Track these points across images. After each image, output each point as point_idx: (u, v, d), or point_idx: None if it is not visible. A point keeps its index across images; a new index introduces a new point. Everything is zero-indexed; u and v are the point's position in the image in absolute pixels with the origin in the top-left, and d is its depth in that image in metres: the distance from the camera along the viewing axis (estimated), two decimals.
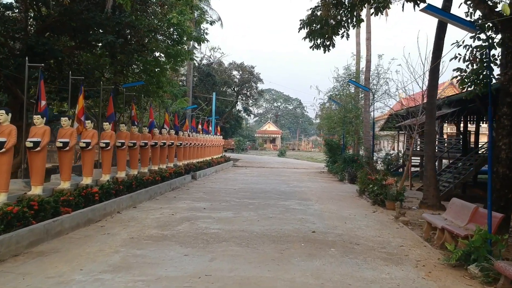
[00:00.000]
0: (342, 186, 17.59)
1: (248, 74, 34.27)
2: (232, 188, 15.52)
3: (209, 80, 31.79)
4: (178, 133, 18.53)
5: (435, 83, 12.26)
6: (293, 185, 17.55)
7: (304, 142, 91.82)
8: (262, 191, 15.05)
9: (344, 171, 19.55)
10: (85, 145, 9.88)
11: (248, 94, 35.62)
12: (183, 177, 16.22)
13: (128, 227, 8.28)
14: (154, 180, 12.97)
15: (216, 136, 28.88)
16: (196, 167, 19.16)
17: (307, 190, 15.70)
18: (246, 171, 25.05)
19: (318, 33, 11.22)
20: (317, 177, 22.49)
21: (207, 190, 14.68)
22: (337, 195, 14.73)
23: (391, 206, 11.48)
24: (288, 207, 11.49)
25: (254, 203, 11.92)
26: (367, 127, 18.48)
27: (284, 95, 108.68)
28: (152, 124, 15.23)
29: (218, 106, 35.73)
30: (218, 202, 11.97)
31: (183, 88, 21.89)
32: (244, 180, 18.96)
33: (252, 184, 17.44)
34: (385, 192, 11.85)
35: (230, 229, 8.31)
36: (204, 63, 33.09)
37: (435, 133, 13.31)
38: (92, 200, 8.87)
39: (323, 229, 8.64)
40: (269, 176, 21.97)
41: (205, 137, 24.42)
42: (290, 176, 22.05)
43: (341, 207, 11.78)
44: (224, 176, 20.88)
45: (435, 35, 12.42)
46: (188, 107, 25.43)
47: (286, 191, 15.18)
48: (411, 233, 8.59)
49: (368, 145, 18.63)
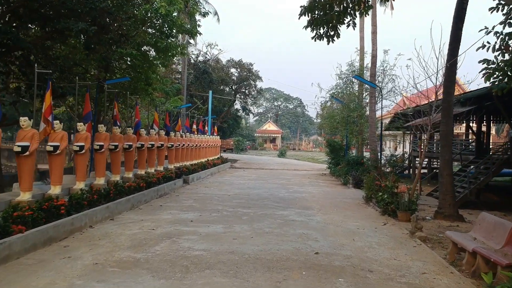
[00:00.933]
0: (346, 191, 16.25)
1: (246, 71, 32.86)
2: (226, 194, 14.19)
3: (206, 77, 30.38)
4: (169, 134, 17.21)
5: (453, 78, 10.93)
6: (293, 190, 16.22)
7: (305, 142, 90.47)
8: (259, 197, 13.73)
9: (348, 175, 18.22)
10: (52, 149, 8.56)
11: (246, 92, 34.23)
12: (173, 182, 14.90)
13: (97, 247, 6.96)
14: (138, 187, 11.65)
15: (213, 137, 27.55)
16: (189, 170, 17.84)
17: (308, 196, 14.37)
18: (243, 174, 23.73)
19: (321, 20, 9.88)
20: (318, 180, 21.17)
21: (199, 197, 13.36)
22: (342, 202, 13.40)
23: (403, 217, 10.15)
24: (287, 218, 10.16)
25: (249, 213, 10.59)
26: (372, 127, 17.17)
27: (285, 94, 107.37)
28: (138, 124, 13.91)
29: (215, 105, 34.40)
30: (209, 212, 10.65)
31: (176, 85, 20.57)
32: (241, 185, 17.64)
33: (248, 189, 16.11)
34: (396, 201, 10.52)
35: (217, 250, 6.98)
36: (200, 60, 31.68)
37: (452, 134, 11.98)
38: (56, 214, 7.56)
39: (328, 249, 7.31)
40: (267, 179, 20.64)
41: (200, 137, 23.11)
42: (290, 179, 20.72)
43: (347, 218, 10.45)
44: (220, 180, 19.56)
45: (452, 25, 11.08)
46: (182, 105, 24.08)
47: (286, 198, 13.85)
48: (432, 254, 7.25)
49: (374, 146, 17.31)
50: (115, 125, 12.01)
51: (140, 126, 13.94)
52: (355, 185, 16.94)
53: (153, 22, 14.32)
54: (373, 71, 17.27)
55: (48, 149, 8.53)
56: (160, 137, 15.97)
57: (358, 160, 18.43)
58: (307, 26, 10.14)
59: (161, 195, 13.19)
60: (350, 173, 17.85)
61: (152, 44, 14.41)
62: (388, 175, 13.11)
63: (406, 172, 24.13)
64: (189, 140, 20.01)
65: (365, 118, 20.91)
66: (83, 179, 9.75)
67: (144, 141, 13.74)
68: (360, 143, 21.07)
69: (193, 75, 30.68)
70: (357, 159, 18.52)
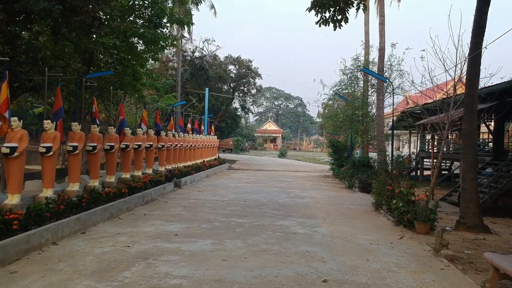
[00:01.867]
0: (352, 196, 14.89)
1: (245, 68, 31.44)
2: (220, 200, 12.84)
3: (202, 74, 28.93)
4: (160, 133, 15.86)
5: (477, 69, 9.56)
6: (294, 194, 14.86)
7: (306, 142, 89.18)
8: (256, 203, 12.37)
9: (353, 177, 16.86)
10: (9, 151, 7.21)
11: (245, 90, 32.81)
12: (163, 186, 13.54)
13: (52, 272, 5.62)
14: (119, 193, 10.29)
15: (210, 136, 26.19)
16: (182, 172, 16.47)
17: (311, 202, 13.01)
18: (241, 176, 22.37)
19: (328, 2, 8.52)
20: (321, 182, 19.80)
21: (189, 204, 12.01)
22: (349, 209, 12.04)
23: (422, 229, 8.79)
24: (287, 230, 8.80)
25: (244, 224, 9.24)
26: (380, 126, 15.82)
27: (285, 93, 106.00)
28: (123, 123, 12.57)
29: (212, 104, 33.02)
30: (198, 222, 9.29)
31: (169, 82, 19.22)
32: (238, 188, 16.28)
33: (246, 193, 14.75)
34: (413, 210, 9.16)
35: (201, 276, 5.63)
36: (196, 55, 30.20)
37: (476, 133, 10.62)
38: (6, 231, 6.21)
39: (338, 273, 5.95)
40: (267, 182, 19.28)
41: (195, 137, 21.75)
42: (291, 182, 19.36)
43: (357, 230, 9.09)
44: (215, 183, 18.20)
45: (476, 9, 9.72)
46: (176, 103, 22.71)
47: (286, 204, 12.49)
48: (466, 280, 5.90)
49: (382, 146, 15.96)
50: (93, 124, 10.65)
51: (125, 125, 12.60)
52: (361, 189, 15.58)
53: (140, 10, 13.00)
54: (381, 65, 15.93)
55: (4, 152, 7.18)
56: (149, 137, 14.61)
57: (364, 162, 17.07)
58: (311, 8, 8.80)
59: (147, 201, 11.84)
60: (356, 176, 16.49)
61: (139, 34, 13.08)
62: (401, 179, 11.77)
63: (413, 174, 22.78)
64: (182, 140, 18.65)
65: (370, 117, 19.56)
66: (51, 185, 8.40)
67: (129, 141, 12.38)
68: (366, 143, 19.70)
69: (189, 71, 29.23)
70: (363, 161, 17.15)
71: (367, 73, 19.66)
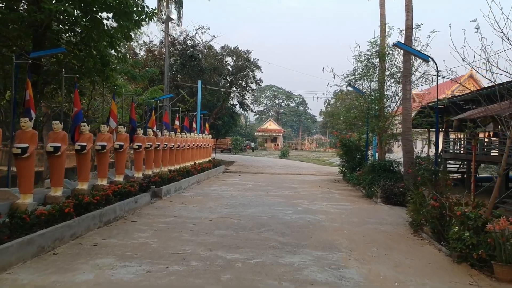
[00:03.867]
0: (376, 210, 11.86)
1: (243, 60, 28.33)
2: (207, 218, 9.82)
3: (195, 65, 25.77)
4: (136, 131, 12.87)
5: None
6: (302, 207, 11.84)
7: (308, 141, 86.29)
8: (254, 223, 9.35)
9: (373, 184, 13.85)
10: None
11: (244, 84, 29.69)
12: (134, 199, 10.51)
13: None
14: (60, 214, 7.26)
15: (203, 135, 23.18)
16: (164, 179, 13.45)
17: (326, 220, 9.99)
18: (238, 181, 19.36)
19: None
20: (332, 189, 16.79)
21: (164, 224, 8.99)
22: (378, 231, 9.02)
23: (507, 274, 5.77)
24: (301, 275, 5.79)
25: (234, 264, 6.23)
26: (407, 122, 12.80)
27: (286, 92, 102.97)
28: (78, 116, 9.54)
29: (208, 100, 29.97)
30: (166, 262, 6.28)
31: (151, 70, 16.19)
32: (232, 198, 13.26)
33: (241, 206, 11.74)
34: (486, 243, 6.16)
35: None
36: (188, 44, 26.92)
37: None
38: None
39: None
40: (268, 189, 16.27)
41: (185, 136, 18.74)
42: (296, 189, 16.35)
43: (404, 272, 6.07)
44: (206, 190, 15.18)
45: None
46: (162, 96, 19.64)
47: (294, 224, 9.46)
48: None
49: (410, 146, 12.94)
50: (25, 116, 7.62)
51: (81, 119, 9.58)
52: (385, 200, 12.57)
53: None
54: None
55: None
56: (120, 135, 11.64)
57: (386, 166, 14.05)
58: None
59: (108, 221, 8.82)
60: (378, 184, 13.49)
61: (102, 2, 10.06)
62: (451, 191, 8.79)
63: None
64: (167, 140, 15.65)
65: (388, 112, 16.54)
66: None
67: (86, 140, 9.38)
68: (384, 143, 16.68)
69: (180, 62, 26.08)
70: (384, 165, 14.13)
71: (384, 60, 16.65)
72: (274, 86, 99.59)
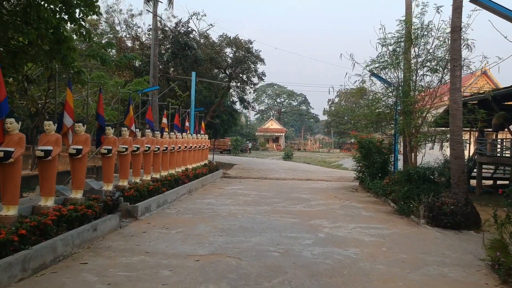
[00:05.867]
0: (424, 237, 8.80)
1: (244, 51, 25.21)
2: (193, 256, 6.80)
3: (188, 55, 22.63)
4: (104, 131, 9.89)
5: None
6: (324, 233, 8.82)
7: (311, 141, 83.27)
8: (261, 268, 6.32)
9: (410, 198, 10.84)
10: None
11: (244, 78, 26.54)
12: (93, 225, 7.46)
13: None
14: None
15: (199, 136, 20.16)
16: (142, 192, 10.41)
17: (363, 260, 6.96)
18: (238, 189, 16.34)
19: None
20: (352, 200, 13.78)
21: (126, 271, 5.96)
22: (446, 279, 5.99)
23: None
24: None
25: None
26: (456, 119, 9.81)
27: (288, 90, 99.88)
28: (3, 108, 6.50)
29: (205, 96, 26.91)
30: None
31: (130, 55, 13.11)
32: (229, 219, 10.24)
33: (242, 232, 8.71)
34: None
35: None
36: (181, 31, 23.65)
37: None
38: None
39: None
40: (274, 201, 13.28)
41: (178, 137, 15.73)
42: (309, 202, 13.34)
43: None
44: (198, 205, 12.17)
45: None
46: (146, 89, 16.54)
47: (319, 268, 6.40)
48: None
49: (460, 150, 9.94)
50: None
51: (6, 112, 6.55)
52: (432, 220, 9.52)
53: None
54: (458, 22, 9.92)
55: None
56: (78, 136, 8.63)
57: (426, 175, 11.02)
58: None
59: (41, 267, 5.81)
60: (416, 196, 10.50)
61: None
62: None
63: None
64: (150, 141, 12.66)
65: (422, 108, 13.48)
66: None
67: (14, 145, 6.37)
68: (415, 146, 13.63)
69: (171, 51, 22.93)
70: (423, 173, 11.09)
71: (415, 45, 13.60)
72: (275, 85, 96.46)
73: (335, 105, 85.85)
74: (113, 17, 32.80)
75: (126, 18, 28.47)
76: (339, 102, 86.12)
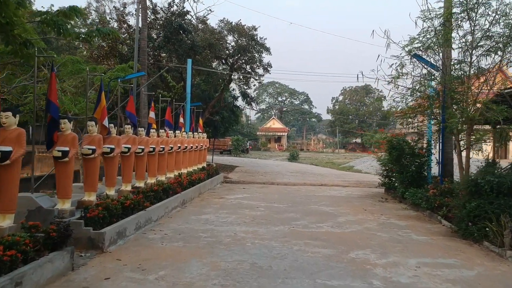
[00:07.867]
0: None
1: (248, 38, 22.21)
2: None
3: (183, 40, 19.56)
4: (58, 125, 6.99)
5: None
6: (380, 277, 5.90)
7: (314, 141, 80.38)
8: None
9: (480, 218, 7.94)
10: None
11: (248, 69, 23.49)
12: (13, 279, 4.56)
13: None
14: None
15: (196, 135, 17.24)
16: (114, 210, 7.48)
17: None
18: (243, 199, 13.43)
19: None
20: (389, 215, 10.88)
21: None
22: None
23: None
24: None
25: None
26: None
27: (290, 89, 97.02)
28: None
29: (203, 89, 23.99)
30: None
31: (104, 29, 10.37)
32: (235, 250, 7.32)
33: (255, 280, 5.78)
34: None
35: None
36: (174, 11, 20.43)
37: None
38: None
39: None
40: (290, 216, 10.39)
41: (165, 135, 12.84)
42: (337, 218, 10.43)
43: None
44: (192, 224, 9.26)
45: None
46: (129, 75, 13.46)
47: None
48: None
49: None
50: None
51: None
52: None
53: None
54: None
55: None
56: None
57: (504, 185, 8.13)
58: None
59: None
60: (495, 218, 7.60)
61: None
62: None
63: None
64: (131, 141, 9.75)
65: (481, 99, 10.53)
66: None
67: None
68: (468, 146, 10.74)
69: (163, 35, 19.87)
70: (499, 183, 8.21)
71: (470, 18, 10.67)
72: (277, 83, 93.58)
73: (339, 103, 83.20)
74: (104, 6, 29.96)
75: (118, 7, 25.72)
76: (343, 100, 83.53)
